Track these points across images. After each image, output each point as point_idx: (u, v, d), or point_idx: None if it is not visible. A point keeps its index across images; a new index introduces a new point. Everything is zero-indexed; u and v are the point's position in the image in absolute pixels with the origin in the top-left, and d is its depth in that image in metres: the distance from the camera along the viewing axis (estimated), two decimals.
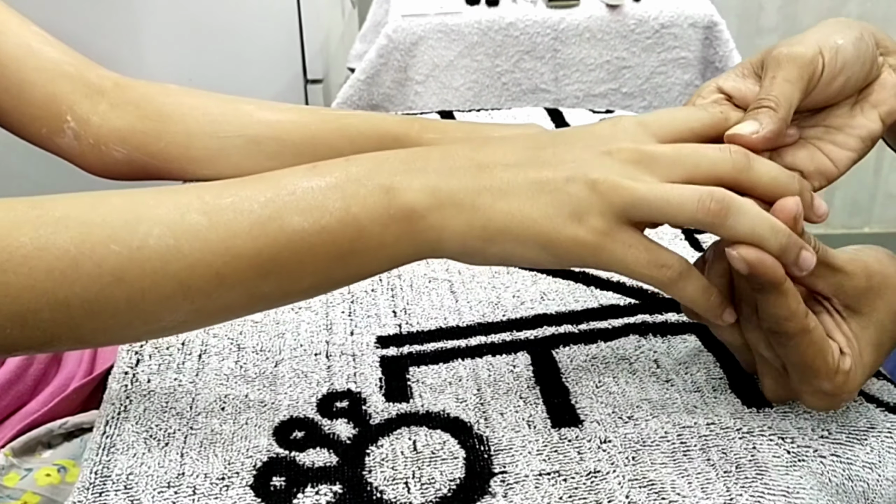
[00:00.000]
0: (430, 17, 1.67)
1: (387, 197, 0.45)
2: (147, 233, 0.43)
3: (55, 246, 0.42)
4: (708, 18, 1.69)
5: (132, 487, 0.47)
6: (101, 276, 0.42)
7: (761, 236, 0.43)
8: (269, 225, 0.44)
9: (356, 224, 0.45)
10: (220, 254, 0.44)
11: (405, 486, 0.47)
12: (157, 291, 0.43)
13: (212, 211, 0.44)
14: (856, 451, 0.49)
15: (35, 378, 0.65)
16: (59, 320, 0.43)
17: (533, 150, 0.47)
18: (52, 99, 0.64)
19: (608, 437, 0.51)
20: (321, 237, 0.45)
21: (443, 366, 0.57)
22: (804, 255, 0.44)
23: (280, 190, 0.45)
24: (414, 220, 0.45)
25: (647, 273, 0.45)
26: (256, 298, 0.46)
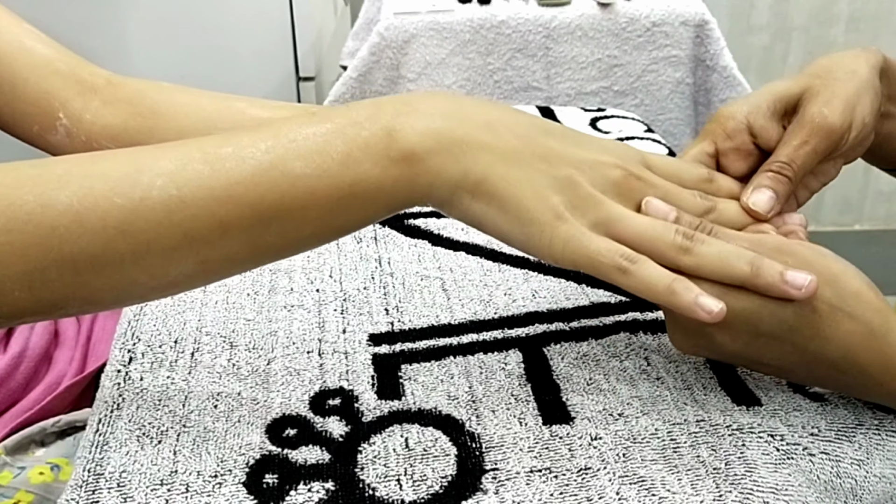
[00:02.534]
0: (423, 14, 1.67)
1: (388, 139, 0.46)
2: (149, 184, 0.43)
3: (58, 202, 0.42)
4: (699, 17, 1.69)
5: (125, 485, 0.48)
6: (106, 230, 0.42)
7: (726, 261, 0.46)
8: (270, 171, 0.44)
9: (357, 167, 0.45)
10: (223, 201, 0.44)
11: (397, 483, 0.47)
12: (161, 243, 0.43)
13: (213, 160, 0.44)
14: (844, 449, 0.49)
15: (26, 376, 0.64)
16: (67, 278, 0.43)
17: (544, 133, 0.49)
18: (44, 96, 0.64)
19: (599, 434, 0.51)
20: (322, 181, 0.45)
21: (435, 363, 0.57)
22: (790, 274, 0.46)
23: (281, 137, 0.45)
24: (413, 163, 0.46)
25: (607, 260, 0.46)
26: (260, 248, 0.46)
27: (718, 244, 0.47)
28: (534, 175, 0.47)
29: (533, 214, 0.46)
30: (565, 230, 0.46)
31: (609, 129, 0.99)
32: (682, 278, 0.46)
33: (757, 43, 2.33)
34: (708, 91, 1.74)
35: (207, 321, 0.62)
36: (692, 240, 0.47)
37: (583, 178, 0.48)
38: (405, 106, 0.47)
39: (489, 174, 0.46)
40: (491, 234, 0.48)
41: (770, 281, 0.46)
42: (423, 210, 0.79)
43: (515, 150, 0.47)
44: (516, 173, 0.46)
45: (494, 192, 0.46)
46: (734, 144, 0.55)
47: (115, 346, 0.59)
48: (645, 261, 0.46)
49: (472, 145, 0.46)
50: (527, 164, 0.47)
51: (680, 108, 1.76)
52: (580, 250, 0.46)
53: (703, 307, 0.45)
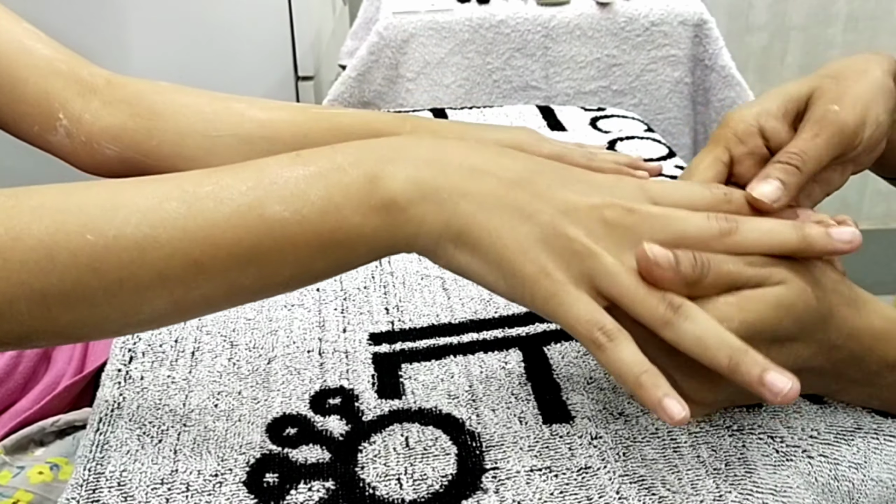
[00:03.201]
0: (421, 14, 1.67)
1: (370, 186, 0.44)
2: (124, 221, 0.42)
3: (30, 236, 0.41)
4: (698, 16, 1.69)
5: (126, 484, 0.48)
6: (77, 266, 0.42)
7: (707, 345, 0.42)
8: (248, 214, 0.43)
9: (337, 213, 0.44)
10: (199, 242, 0.43)
11: (397, 482, 0.48)
12: (134, 281, 0.42)
13: (191, 199, 0.43)
14: (842, 452, 0.50)
15: (24, 376, 0.64)
16: (36, 313, 0.42)
17: (530, 174, 0.46)
18: (44, 96, 0.64)
19: (599, 433, 0.51)
20: (302, 227, 0.44)
21: (435, 363, 0.57)
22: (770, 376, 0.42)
23: (262, 178, 0.44)
24: (394, 212, 0.44)
25: (584, 331, 0.43)
26: (236, 289, 0.45)
27: (703, 323, 0.43)
28: (517, 224, 0.44)
29: (515, 267, 0.44)
30: (547, 286, 0.43)
31: (609, 129, 0.99)
32: (653, 371, 0.42)
33: (755, 42, 2.33)
34: (706, 90, 1.74)
35: (208, 320, 0.62)
36: (676, 313, 0.43)
37: (570, 224, 0.44)
38: (390, 152, 0.46)
39: (471, 224, 0.44)
40: (478, 283, 0.46)
41: (747, 380, 0.42)
42: None
43: (497, 198, 0.45)
44: (497, 222, 0.44)
45: (477, 244, 0.44)
46: (748, 149, 0.53)
47: (115, 346, 0.59)
48: (622, 340, 0.43)
49: (453, 193, 0.44)
50: (510, 213, 0.44)
51: (679, 108, 1.76)
52: (559, 312, 0.43)
53: (666, 409, 0.41)
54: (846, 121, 0.51)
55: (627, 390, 0.43)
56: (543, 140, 0.72)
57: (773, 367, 0.42)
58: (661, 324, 0.43)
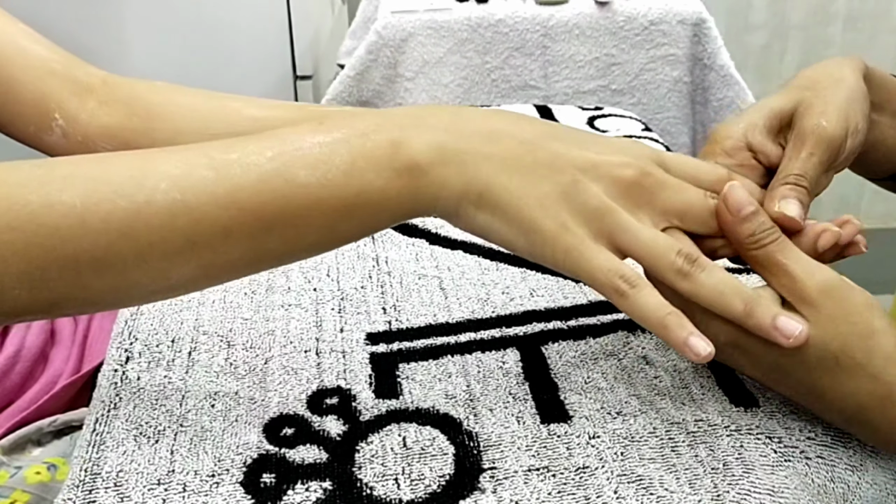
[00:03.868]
0: (420, 13, 1.67)
1: (392, 149, 0.46)
2: (153, 187, 0.43)
3: (61, 202, 0.42)
4: (696, 15, 1.69)
5: (122, 485, 0.47)
6: (108, 232, 0.42)
7: (722, 293, 0.45)
8: (274, 179, 0.44)
9: (361, 177, 0.45)
10: (226, 207, 0.44)
11: (395, 482, 0.47)
12: (163, 246, 0.43)
13: (218, 166, 0.44)
14: (839, 454, 0.50)
15: (22, 375, 0.64)
16: (68, 279, 0.43)
17: (547, 136, 0.48)
18: (40, 97, 0.64)
19: (597, 432, 0.51)
20: (326, 191, 0.45)
21: (432, 362, 0.57)
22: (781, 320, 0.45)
23: (286, 145, 0.45)
24: (416, 175, 0.46)
25: (605, 280, 0.45)
26: (262, 254, 0.46)
27: (719, 274, 0.46)
28: (537, 182, 0.46)
29: (536, 223, 0.46)
30: (567, 240, 0.46)
31: (607, 128, 0.99)
32: (677, 312, 0.45)
33: (754, 41, 2.33)
34: (705, 90, 1.74)
35: (205, 320, 0.62)
36: (693, 265, 0.46)
37: (590, 182, 0.46)
38: (411, 118, 0.47)
39: (492, 184, 0.46)
40: (497, 243, 0.48)
41: (761, 324, 0.45)
42: None
43: (517, 158, 0.46)
44: (518, 181, 0.46)
45: (497, 202, 0.46)
46: (736, 162, 0.55)
47: (112, 346, 0.59)
48: (644, 286, 0.45)
49: (474, 156, 0.46)
50: (530, 172, 0.46)
51: (677, 107, 1.76)
52: (581, 263, 0.46)
53: (693, 348, 0.44)
54: (833, 134, 0.53)
55: (654, 332, 0.45)
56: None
57: (785, 312, 0.45)
58: (679, 276, 0.46)
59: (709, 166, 0.52)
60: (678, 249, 0.46)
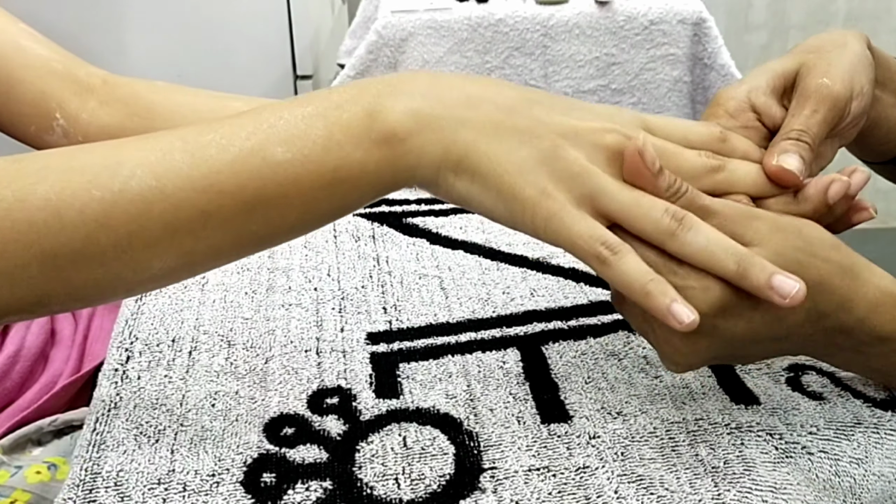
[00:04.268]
0: (420, 13, 1.67)
1: (369, 120, 0.45)
2: (129, 175, 0.42)
3: (36, 196, 0.41)
4: (697, 15, 1.69)
5: (122, 484, 0.47)
6: (85, 224, 0.42)
7: (713, 253, 0.44)
8: (251, 158, 0.43)
9: (339, 150, 0.44)
10: (204, 191, 0.43)
11: (395, 482, 0.47)
12: (143, 235, 0.43)
13: (193, 149, 0.44)
14: (843, 447, 0.49)
15: (22, 375, 0.64)
16: (48, 274, 0.42)
17: (527, 102, 0.47)
18: (40, 97, 0.64)
19: (597, 432, 0.51)
20: (305, 167, 0.44)
21: (433, 362, 0.57)
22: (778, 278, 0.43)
23: (261, 123, 0.45)
24: (394, 144, 0.45)
25: (587, 247, 0.44)
26: (244, 237, 0.45)
27: (708, 232, 0.44)
28: (516, 148, 0.45)
29: (515, 190, 0.44)
30: (548, 207, 0.44)
31: None
32: (660, 279, 0.43)
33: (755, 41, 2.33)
34: (706, 89, 1.74)
35: (205, 320, 0.62)
36: (681, 223, 0.44)
37: (571, 147, 0.45)
38: (386, 87, 0.46)
39: (470, 150, 0.45)
40: (477, 211, 0.46)
41: (755, 283, 0.43)
42: (421, 209, 0.79)
43: (496, 124, 0.45)
44: (497, 147, 0.45)
45: (476, 169, 0.45)
46: (740, 123, 0.53)
47: (112, 345, 0.59)
48: (626, 252, 0.43)
49: (452, 122, 0.45)
50: (509, 137, 0.45)
51: (678, 107, 1.76)
52: (562, 230, 0.44)
53: (676, 315, 0.42)
54: (839, 93, 0.51)
55: (635, 299, 0.43)
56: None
57: (780, 270, 0.43)
58: (667, 235, 0.44)
59: (700, 125, 0.51)
60: (664, 208, 0.44)
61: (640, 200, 0.44)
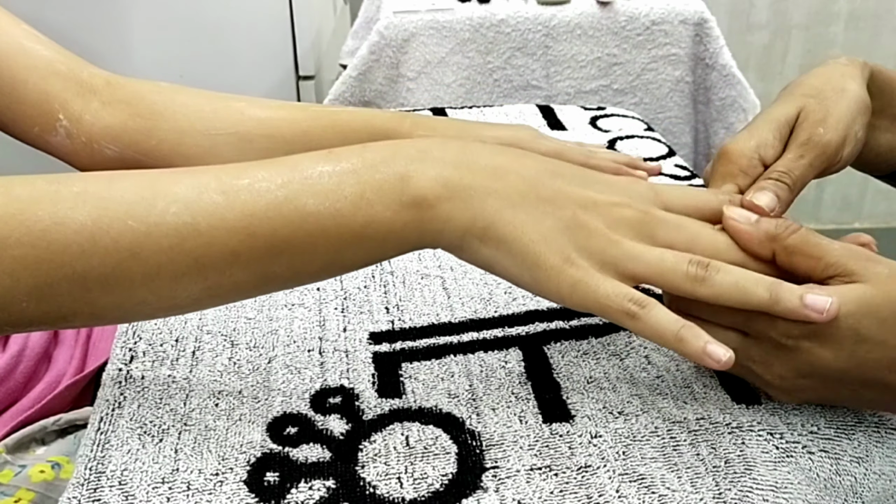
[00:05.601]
0: (422, 13, 1.67)
1: (401, 183, 0.46)
2: (164, 210, 0.44)
3: (73, 220, 0.43)
4: (698, 15, 1.69)
5: (126, 483, 0.48)
6: (118, 251, 0.43)
7: (745, 287, 0.45)
8: (284, 206, 0.45)
9: (369, 208, 0.46)
10: (237, 232, 0.44)
11: (398, 481, 0.48)
12: (172, 268, 0.44)
13: (229, 191, 0.45)
14: (843, 446, 0.50)
15: (25, 375, 0.65)
16: (76, 294, 0.43)
17: (551, 175, 0.49)
18: (43, 97, 0.64)
19: (599, 432, 0.51)
20: (335, 220, 0.45)
21: (435, 362, 0.58)
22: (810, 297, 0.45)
23: (296, 173, 0.46)
24: (423, 209, 0.46)
25: (615, 305, 0.45)
26: (268, 278, 0.47)
27: (736, 271, 0.46)
28: (540, 218, 0.47)
29: (540, 258, 0.46)
30: (572, 274, 0.46)
31: (609, 128, 0.99)
32: (691, 325, 0.45)
33: (756, 41, 2.33)
34: (707, 89, 1.74)
35: (208, 319, 0.62)
36: (707, 269, 0.46)
37: (592, 218, 0.47)
38: (419, 152, 0.48)
39: (496, 219, 0.46)
40: (502, 277, 0.48)
41: (790, 307, 0.45)
42: None
43: (522, 194, 0.47)
44: (523, 217, 0.47)
45: (502, 237, 0.46)
46: (752, 179, 0.55)
47: (116, 345, 0.59)
48: (654, 305, 0.45)
49: (479, 191, 0.47)
50: (533, 208, 0.47)
51: (679, 107, 1.76)
52: (588, 294, 0.46)
53: (712, 355, 0.44)
54: (830, 142, 0.54)
55: (670, 347, 0.45)
56: (541, 137, 0.72)
57: (811, 289, 0.45)
58: (696, 282, 0.46)
59: (711, 195, 0.53)
60: (689, 259, 0.46)
61: (664, 256, 0.47)
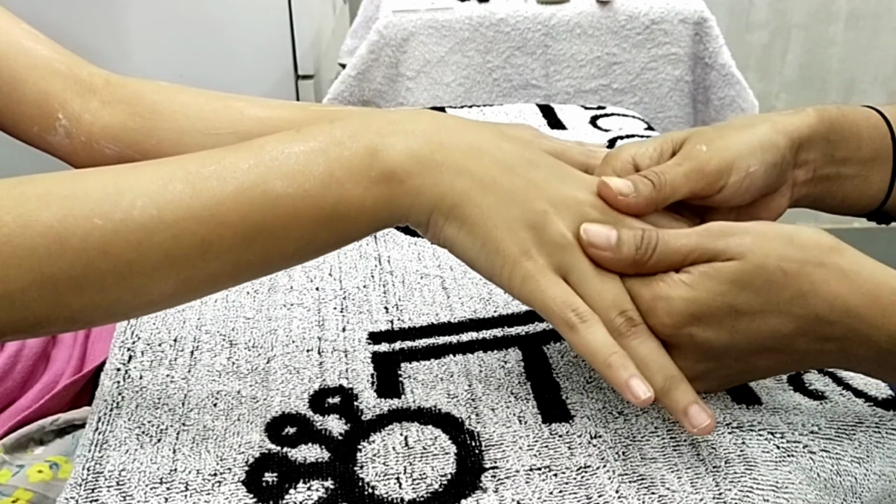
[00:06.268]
0: (421, 12, 1.67)
1: (369, 158, 0.46)
2: (130, 204, 0.43)
3: (38, 223, 0.42)
4: (698, 14, 1.69)
5: (124, 483, 0.48)
6: (87, 251, 0.42)
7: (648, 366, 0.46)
8: (252, 191, 0.44)
9: (339, 187, 0.45)
10: (205, 221, 0.44)
11: (397, 481, 0.47)
12: (143, 263, 0.43)
13: (195, 180, 0.44)
14: (844, 447, 0.50)
15: (23, 375, 0.64)
16: (48, 298, 0.43)
17: (528, 164, 0.49)
18: (43, 97, 0.64)
19: (598, 432, 0.51)
20: (304, 201, 0.45)
21: (434, 362, 0.57)
22: (693, 409, 0.46)
23: (263, 156, 0.45)
24: (393, 184, 0.46)
25: (558, 311, 0.46)
26: (242, 266, 0.46)
27: (650, 347, 0.46)
28: (508, 206, 0.47)
29: (499, 245, 0.46)
30: (527, 267, 0.46)
31: (609, 127, 0.99)
32: (623, 354, 0.45)
33: (756, 40, 2.33)
34: (707, 89, 1.74)
35: (207, 319, 0.62)
36: (631, 329, 0.46)
37: (557, 216, 0.47)
38: (389, 125, 0.47)
39: (464, 199, 0.46)
40: (459, 257, 0.48)
41: (672, 406, 0.46)
42: None
43: (494, 179, 0.47)
44: (490, 202, 0.46)
45: (466, 218, 0.46)
46: None
47: (114, 345, 0.59)
48: (594, 323, 0.46)
49: (451, 168, 0.46)
50: (503, 194, 0.47)
51: (679, 106, 1.76)
52: (536, 291, 0.46)
53: (633, 390, 0.44)
54: (709, 160, 0.52)
55: (596, 369, 0.46)
56: (542, 137, 0.72)
57: (699, 401, 0.46)
58: (616, 333, 0.46)
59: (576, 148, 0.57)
60: (621, 309, 0.47)
61: (604, 293, 0.47)
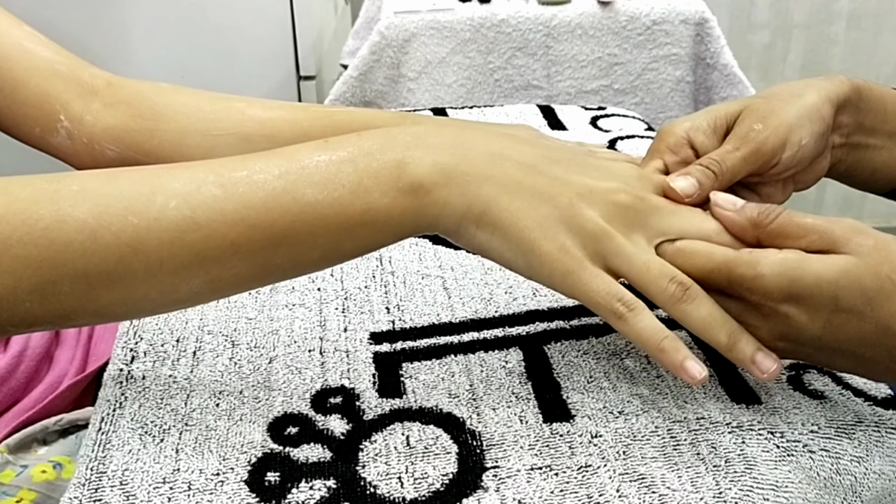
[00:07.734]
0: (423, 13, 1.67)
1: (397, 170, 0.47)
2: (164, 204, 0.44)
3: (74, 218, 0.43)
4: (699, 15, 1.69)
5: (128, 483, 0.48)
6: (120, 247, 0.44)
7: (711, 325, 0.46)
8: (282, 197, 0.46)
9: (367, 196, 0.46)
10: (235, 224, 0.45)
11: (398, 480, 0.48)
12: (173, 262, 0.45)
13: (227, 183, 0.46)
14: (844, 445, 0.50)
15: (27, 375, 0.65)
16: (79, 292, 0.44)
17: (548, 162, 0.50)
18: (45, 98, 0.64)
19: (599, 431, 0.51)
20: (333, 209, 0.46)
21: (436, 362, 0.58)
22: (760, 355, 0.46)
23: (293, 164, 0.47)
24: (420, 195, 0.47)
25: (604, 303, 0.46)
26: (268, 269, 0.47)
27: (706, 307, 0.47)
28: (536, 205, 0.47)
29: (535, 245, 0.47)
30: (566, 263, 0.47)
31: (609, 128, 0.99)
32: (674, 337, 0.46)
33: (757, 41, 2.33)
34: (708, 89, 1.74)
35: (209, 320, 0.62)
36: (685, 294, 0.47)
37: (587, 206, 0.48)
38: (415, 139, 0.48)
39: (492, 206, 0.47)
40: (496, 261, 0.49)
41: (740, 357, 0.47)
42: None
43: (518, 181, 0.48)
44: (518, 203, 0.47)
45: (498, 223, 0.47)
46: (679, 158, 0.55)
47: (117, 345, 0.60)
48: (642, 310, 0.47)
49: (476, 177, 0.47)
50: (529, 195, 0.48)
51: (680, 107, 1.76)
52: (579, 285, 0.47)
53: (689, 371, 0.46)
54: (766, 140, 0.53)
55: (650, 354, 0.47)
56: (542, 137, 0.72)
57: (762, 347, 0.47)
58: (671, 301, 0.47)
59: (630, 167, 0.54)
60: (671, 276, 0.47)
61: (650, 266, 0.47)
